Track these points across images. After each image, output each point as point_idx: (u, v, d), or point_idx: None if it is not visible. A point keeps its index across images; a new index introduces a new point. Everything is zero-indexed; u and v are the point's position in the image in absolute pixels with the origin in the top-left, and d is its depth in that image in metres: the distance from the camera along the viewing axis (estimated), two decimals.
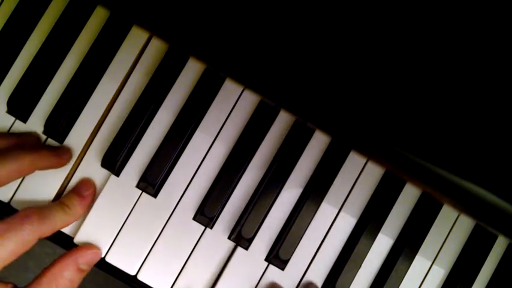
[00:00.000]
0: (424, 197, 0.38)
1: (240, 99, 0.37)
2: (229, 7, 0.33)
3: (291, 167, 0.37)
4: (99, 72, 0.37)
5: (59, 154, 0.36)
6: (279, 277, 0.37)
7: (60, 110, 0.37)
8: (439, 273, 0.38)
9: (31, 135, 0.37)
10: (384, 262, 0.37)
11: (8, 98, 0.37)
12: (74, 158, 0.37)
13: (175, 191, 0.37)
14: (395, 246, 0.37)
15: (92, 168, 0.37)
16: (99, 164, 0.37)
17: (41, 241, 0.32)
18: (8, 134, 0.37)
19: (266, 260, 0.37)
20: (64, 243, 0.36)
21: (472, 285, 0.37)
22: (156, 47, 0.37)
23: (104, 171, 0.37)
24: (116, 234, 0.36)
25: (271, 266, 0.37)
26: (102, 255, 0.36)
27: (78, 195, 0.36)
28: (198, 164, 0.37)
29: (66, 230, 0.36)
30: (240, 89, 0.37)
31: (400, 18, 0.32)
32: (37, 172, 0.36)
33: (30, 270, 0.61)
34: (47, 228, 0.32)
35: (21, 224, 0.31)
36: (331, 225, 0.37)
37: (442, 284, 0.38)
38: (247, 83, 0.37)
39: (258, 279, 0.37)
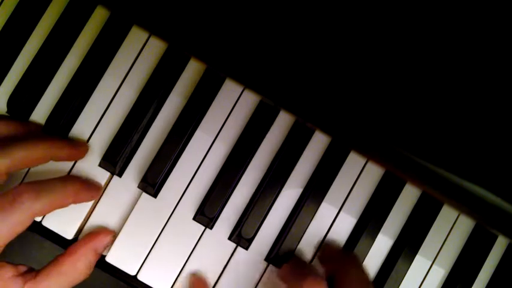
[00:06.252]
0: (424, 197, 0.38)
1: (240, 99, 0.37)
2: (230, 7, 0.33)
3: (291, 167, 0.37)
4: (99, 72, 0.37)
5: (75, 145, 0.35)
6: None
7: (61, 110, 0.37)
8: (439, 273, 0.38)
9: (31, 123, 0.36)
10: (383, 262, 0.37)
11: (8, 98, 0.37)
12: None
13: (175, 191, 0.37)
14: (395, 246, 0.37)
15: (90, 168, 0.37)
16: (98, 164, 0.37)
17: (40, 243, 0.32)
18: (9, 119, 0.36)
19: (266, 260, 0.37)
20: (65, 244, 0.36)
21: (472, 285, 0.37)
22: (157, 47, 0.37)
23: (103, 172, 0.37)
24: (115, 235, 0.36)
25: (271, 265, 0.37)
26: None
27: (85, 184, 0.35)
28: (198, 164, 0.37)
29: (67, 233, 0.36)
30: (240, 89, 0.37)
31: (399, 18, 0.32)
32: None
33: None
34: (42, 206, 0.30)
35: (12, 203, 0.28)
36: (331, 225, 0.37)
37: (442, 284, 0.38)
38: (247, 83, 0.37)
39: (258, 279, 0.37)
